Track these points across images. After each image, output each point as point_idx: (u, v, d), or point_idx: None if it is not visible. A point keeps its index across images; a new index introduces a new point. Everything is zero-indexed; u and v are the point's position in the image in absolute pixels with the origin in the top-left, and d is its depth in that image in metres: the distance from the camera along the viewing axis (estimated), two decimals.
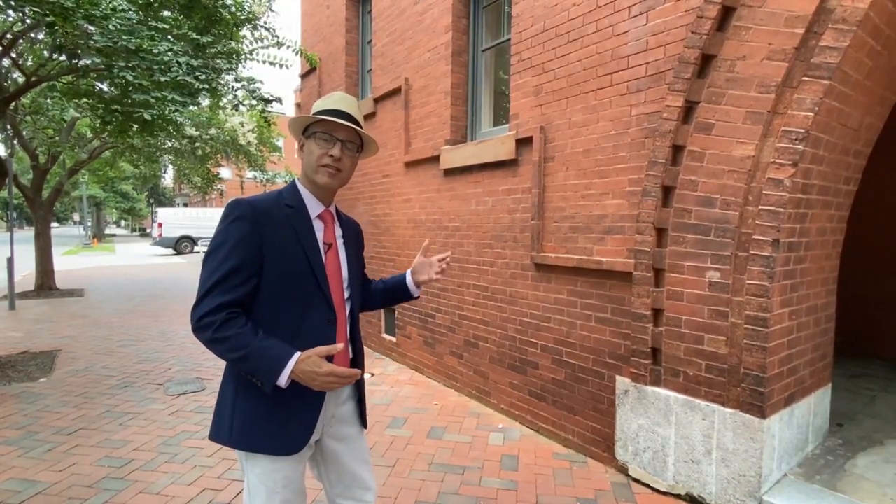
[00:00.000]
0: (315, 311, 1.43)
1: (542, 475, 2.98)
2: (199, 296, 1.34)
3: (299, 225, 1.44)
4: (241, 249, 1.34)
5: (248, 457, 1.42)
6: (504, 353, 3.89)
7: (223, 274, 1.32)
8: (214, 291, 1.32)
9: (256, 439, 1.38)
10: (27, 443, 3.32)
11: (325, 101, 1.50)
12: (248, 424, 1.38)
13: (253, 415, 1.38)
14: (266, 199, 1.43)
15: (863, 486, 2.54)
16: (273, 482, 1.41)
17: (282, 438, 1.39)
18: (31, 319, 7.56)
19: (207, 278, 1.33)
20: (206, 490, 2.77)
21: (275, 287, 1.38)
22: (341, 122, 1.42)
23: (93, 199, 33.89)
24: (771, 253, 2.35)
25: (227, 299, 1.32)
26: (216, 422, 1.44)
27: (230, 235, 1.35)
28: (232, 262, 1.33)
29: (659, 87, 2.75)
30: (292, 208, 1.44)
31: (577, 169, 3.24)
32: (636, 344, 2.85)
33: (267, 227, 1.37)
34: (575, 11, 3.21)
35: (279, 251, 1.38)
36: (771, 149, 2.36)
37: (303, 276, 1.41)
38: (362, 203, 5.94)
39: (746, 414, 2.43)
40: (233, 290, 1.33)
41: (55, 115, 8.61)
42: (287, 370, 1.30)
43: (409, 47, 4.94)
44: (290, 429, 1.40)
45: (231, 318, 1.32)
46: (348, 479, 1.59)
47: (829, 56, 2.20)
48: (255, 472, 1.42)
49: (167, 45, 4.76)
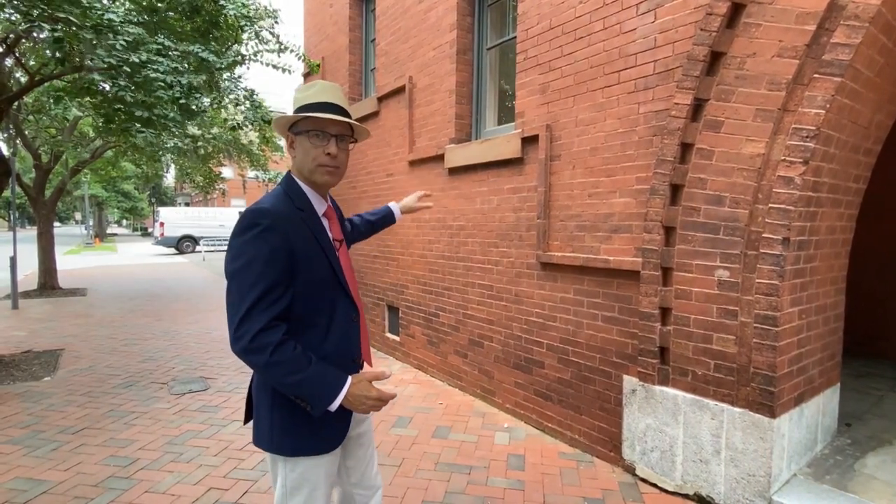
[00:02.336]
0: (341, 311, 1.44)
1: (548, 475, 2.97)
2: (241, 313, 1.24)
3: (314, 227, 1.42)
4: (277, 261, 1.29)
5: (288, 458, 1.40)
6: (509, 352, 3.88)
7: (265, 288, 1.26)
8: (258, 307, 1.25)
9: (300, 442, 1.38)
10: (32, 442, 3.32)
11: (306, 92, 1.42)
12: (289, 429, 1.37)
13: (294, 419, 1.37)
14: (282, 205, 1.38)
15: (872, 485, 2.53)
16: (317, 478, 1.42)
17: (324, 437, 1.40)
18: (35, 318, 7.57)
19: (247, 293, 1.25)
20: (212, 489, 2.76)
21: (305, 292, 1.36)
22: (333, 118, 1.38)
23: (95, 198, 33.93)
24: (781, 251, 2.33)
25: (274, 314, 1.26)
26: (257, 429, 1.42)
27: (262, 247, 1.28)
28: (271, 275, 1.27)
29: (667, 84, 2.73)
30: (303, 211, 1.42)
31: (583, 167, 3.22)
32: (644, 343, 2.83)
33: (291, 234, 1.34)
34: (582, 9, 3.19)
35: (306, 257, 1.36)
36: (781, 146, 2.34)
37: (327, 277, 1.41)
38: (366, 202, 5.93)
39: (756, 413, 2.41)
40: (276, 303, 1.28)
41: (58, 114, 8.60)
42: (341, 396, 1.31)
43: (413, 46, 4.93)
44: (330, 427, 1.41)
45: (285, 342, 1.27)
46: (364, 466, 1.64)
47: (841, 53, 2.18)
48: (297, 472, 1.40)
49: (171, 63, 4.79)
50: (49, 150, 10.39)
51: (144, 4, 5.19)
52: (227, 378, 4.69)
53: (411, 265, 5.13)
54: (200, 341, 6.17)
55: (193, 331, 6.78)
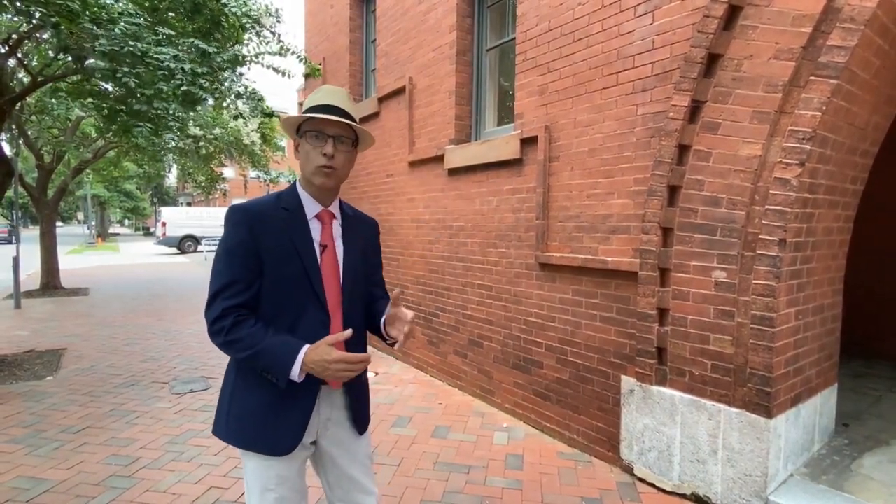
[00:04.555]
0: (309, 313, 1.42)
1: (546, 474, 2.98)
2: (207, 301, 1.38)
3: (294, 227, 1.43)
4: (240, 256, 1.37)
5: (243, 452, 1.44)
6: (508, 352, 3.89)
7: (226, 280, 1.36)
8: (219, 297, 1.35)
9: (250, 437, 1.40)
10: (34, 441, 3.34)
11: (313, 96, 1.45)
12: (242, 422, 1.41)
13: (247, 413, 1.41)
14: (262, 203, 1.44)
15: (869, 486, 2.54)
16: (266, 479, 1.42)
17: (272, 439, 1.39)
18: (37, 318, 7.60)
19: (213, 282, 1.37)
20: (213, 488, 2.78)
21: (272, 289, 1.40)
22: (329, 118, 1.38)
23: (97, 198, 34.03)
24: (777, 253, 2.35)
25: (231, 304, 1.35)
26: (216, 416, 1.48)
27: (228, 241, 1.38)
28: (232, 269, 1.37)
29: (665, 86, 2.74)
30: (288, 211, 1.44)
31: (582, 168, 3.24)
32: (641, 343, 2.84)
33: (261, 230, 1.38)
34: (580, 10, 3.20)
35: (274, 254, 1.39)
36: (778, 148, 2.35)
37: (297, 278, 1.41)
38: (366, 202, 5.95)
39: (752, 414, 2.42)
40: (236, 295, 1.36)
41: (60, 114, 8.64)
42: (298, 362, 1.32)
43: (413, 47, 4.94)
44: (281, 430, 1.40)
45: (240, 321, 1.35)
46: (346, 484, 1.55)
47: (837, 55, 2.19)
48: (249, 468, 1.44)
49: (172, 51, 4.78)
50: (51, 151, 10.43)
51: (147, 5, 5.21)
52: None
53: (411, 265, 5.14)
54: (202, 341, 6.19)
55: (195, 331, 6.80)
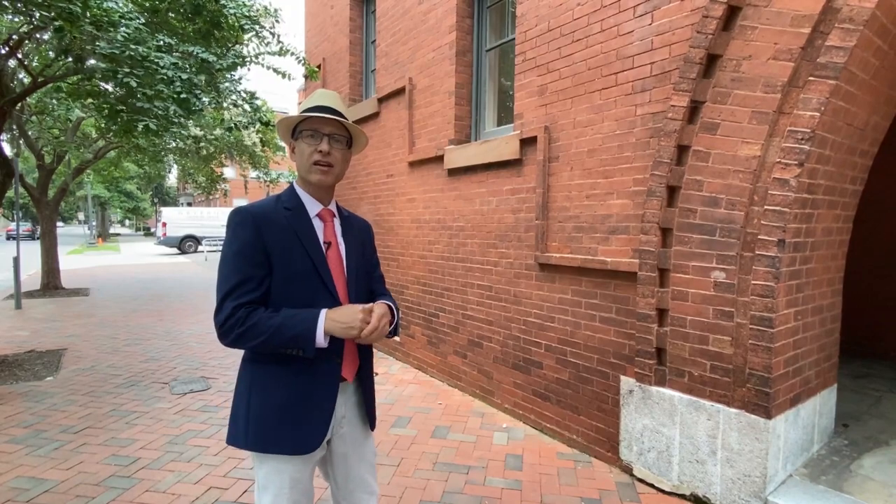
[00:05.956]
0: (320, 306, 1.43)
1: (546, 475, 2.99)
2: (217, 304, 1.38)
3: (299, 225, 1.46)
4: (248, 255, 1.38)
5: (257, 455, 1.43)
6: (508, 352, 3.90)
7: (236, 281, 1.36)
8: (229, 298, 1.36)
9: (272, 438, 1.40)
10: (34, 441, 3.35)
11: (307, 101, 1.52)
12: (263, 424, 1.40)
13: (266, 417, 1.40)
14: (264, 204, 1.47)
15: (868, 486, 2.54)
16: (281, 482, 1.42)
17: (296, 439, 1.40)
18: (37, 318, 7.61)
19: (221, 287, 1.38)
20: (212, 489, 2.78)
21: (281, 287, 1.41)
22: (324, 116, 1.44)
23: (97, 198, 34.05)
24: (776, 253, 2.35)
25: (242, 301, 1.36)
26: (232, 426, 1.45)
27: (234, 242, 1.39)
28: (242, 269, 1.37)
29: (664, 86, 2.74)
30: (290, 210, 1.47)
31: (581, 169, 3.24)
32: (641, 344, 2.85)
33: (268, 230, 1.40)
34: (580, 11, 3.20)
35: (283, 252, 1.41)
36: (777, 149, 2.35)
37: (308, 273, 1.44)
38: (366, 203, 5.95)
39: (752, 414, 2.42)
40: (247, 293, 1.37)
41: (61, 115, 8.65)
42: (320, 325, 1.35)
43: (412, 47, 4.95)
44: (304, 429, 1.41)
45: (252, 311, 1.36)
46: (354, 483, 1.59)
47: (836, 56, 2.19)
48: (263, 471, 1.43)
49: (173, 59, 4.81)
50: (52, 151, 10.43)
51: (147, 6, 5.21)
52: (228, 378, 4.72)
53: (411, 266, 5.15)
54: (202, 341, 6.20)
55: (195, 331, 6.81)
